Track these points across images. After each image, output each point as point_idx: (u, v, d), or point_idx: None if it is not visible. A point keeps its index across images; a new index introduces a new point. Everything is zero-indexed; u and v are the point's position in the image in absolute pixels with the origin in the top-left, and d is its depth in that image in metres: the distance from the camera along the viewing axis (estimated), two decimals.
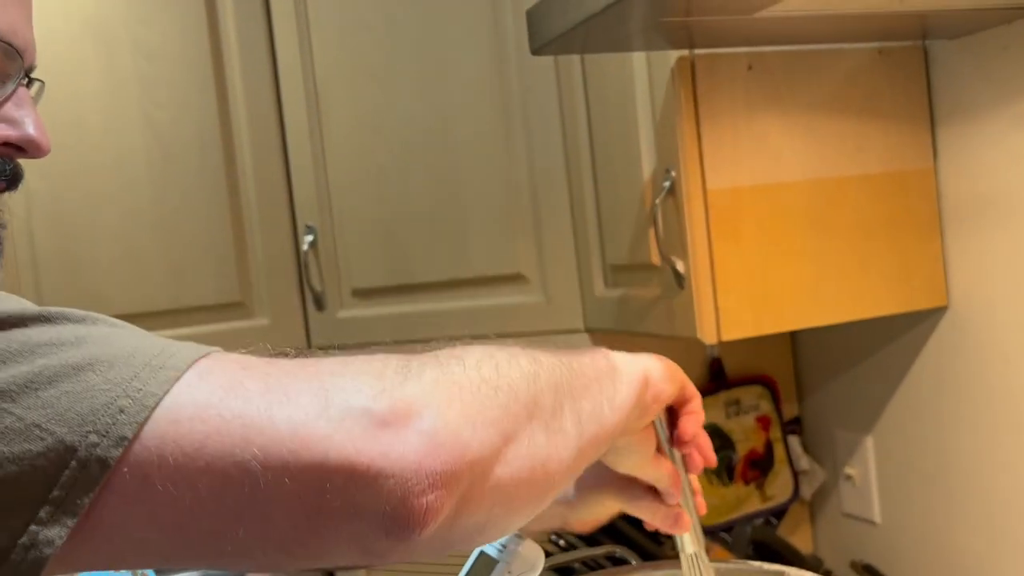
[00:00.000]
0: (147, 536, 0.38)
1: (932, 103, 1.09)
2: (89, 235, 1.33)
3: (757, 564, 0.88)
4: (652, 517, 0.69)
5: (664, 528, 0.69)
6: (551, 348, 0.54)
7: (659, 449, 0.66)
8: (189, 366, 0.40)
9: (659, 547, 1.18)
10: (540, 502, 0.47)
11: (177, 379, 0.39)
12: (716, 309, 0.99)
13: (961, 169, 1.07)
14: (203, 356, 0.41)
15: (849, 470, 1.29)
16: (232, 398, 0.38)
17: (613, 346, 0.66)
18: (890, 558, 1.24)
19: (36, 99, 0.61)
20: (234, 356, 0.42)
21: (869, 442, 1.26)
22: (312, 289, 1.41)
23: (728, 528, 1.27)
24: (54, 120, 1.30)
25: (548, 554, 1.19)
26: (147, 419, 0.37)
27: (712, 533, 1.29)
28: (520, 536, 0.69)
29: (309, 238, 1.41)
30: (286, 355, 0.43)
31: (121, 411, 0.37)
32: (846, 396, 1.30)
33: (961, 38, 1.03)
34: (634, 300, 1.12)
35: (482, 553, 0.70)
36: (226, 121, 1.41)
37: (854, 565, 1.13)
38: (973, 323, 1.08)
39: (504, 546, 0.68)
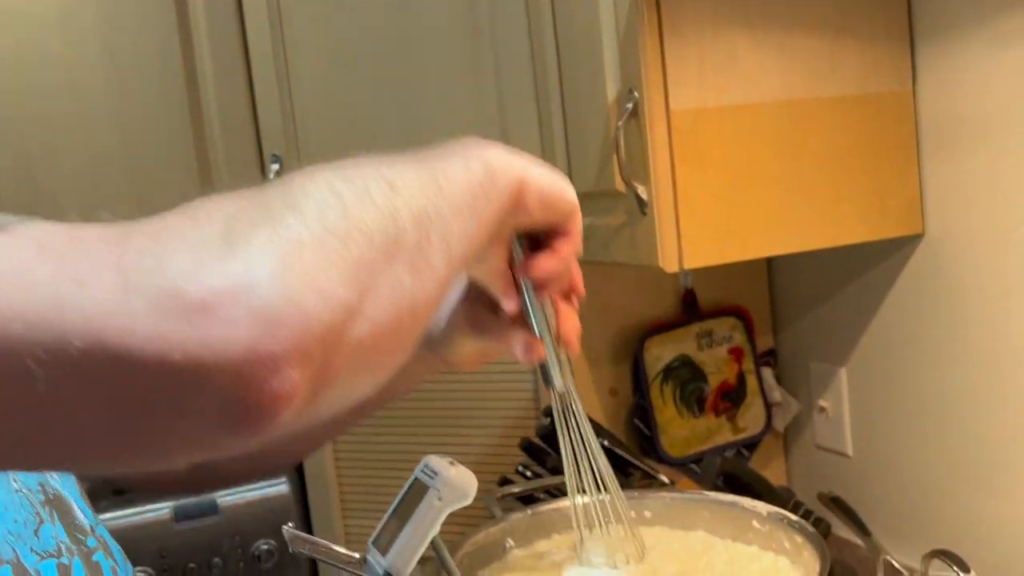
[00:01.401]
0: None
1: (912, 21, 1.04)
2: (47, 161, 1.30)
3: (713, 494, 0.87)
4: (507, 344, 0.64)
5: (519, 355, 0.64)
6: (424, 155, 0.46)
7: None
8: None
9: (626, 478, 1.17)
10: (410, 347, 0.42)
11: None
12: (678, 236, 0.96)
13: (941, 91, 1.02)
14: None
15: (822, 402, 1.27)
16: (15, 289, 0.33)
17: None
18: (862, 490, 1.23)
19: None
20: (35, 232, 0.36)
21: (843, 374, 1.23)
22: None
23: (698, 460, 1.26)
24: (7, 42, 1.27)
25: (509, 482, 1.18)
26: None
27: (682, 465, 1.27)
28: (453, 463, 0.67)
29: (275, 167, 1.37)
30: (103, 221, 0.37)
31: None
32: (821, 328, 1.27)
33: None
34: (600, 229, 1.09)
35: (416, 480, 0.68)
36: (188, 49, 1.37)
37: (821, 497, 1.11)
38: (949, 251, 1.04)
39: (435, 472, 0.66)
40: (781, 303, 1.35)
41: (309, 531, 1.42)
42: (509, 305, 0.63)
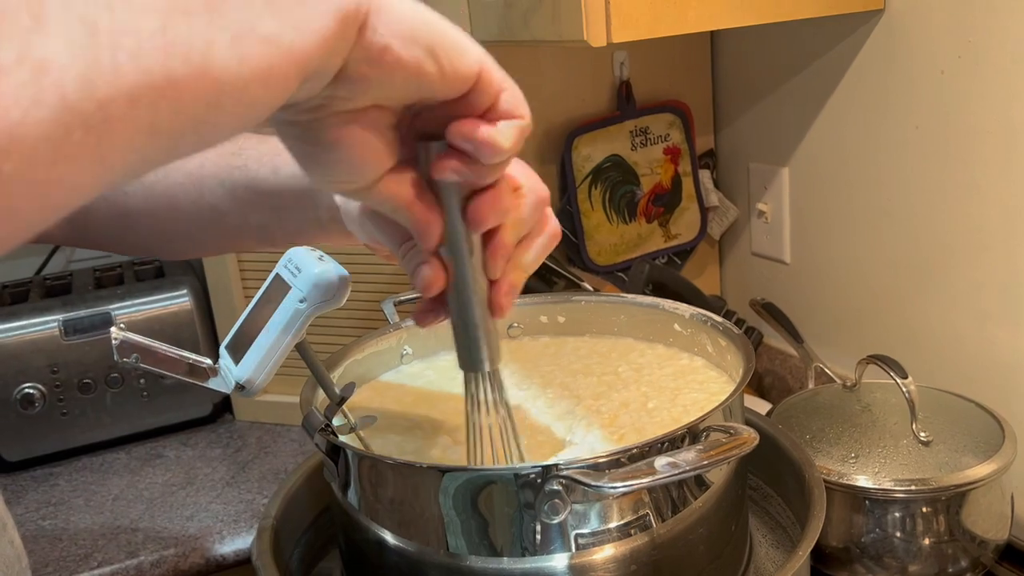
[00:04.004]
0: None
1: None
2: None
3: (632, 296, 0.78)
4: (410, 274, 0.44)
5: (417, 316, 0.46)
6: None
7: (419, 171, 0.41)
8: None
9: (549, 288, 1.08)
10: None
11: None
12: (607, 4, 0.82)
13: None
14: None
15: (761, 206, 1.19)
16: None
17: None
18: (798, 299, 1.16)
19: None
20: None
21: (785, 175, 1.14)
22: None
23: (626, 269, 1.18)
24: None
25: None
26: None
27: (609, 273, 1.19)
28: (323, 257, 0.56)
29: None
30: None
31: None
32: (765, 125, 1.17)
33: None
34: (519, 0, 0.94)
35: (276, 277, 0.57)
36: None
37: (753, 304, 1.04)
38: (911, 31, 0.92)
39: (299, 269, 0.55)
40: (723, 98, 1.23)
41: (215, 347, 1.33)
42: (427, 240, 0.42)
